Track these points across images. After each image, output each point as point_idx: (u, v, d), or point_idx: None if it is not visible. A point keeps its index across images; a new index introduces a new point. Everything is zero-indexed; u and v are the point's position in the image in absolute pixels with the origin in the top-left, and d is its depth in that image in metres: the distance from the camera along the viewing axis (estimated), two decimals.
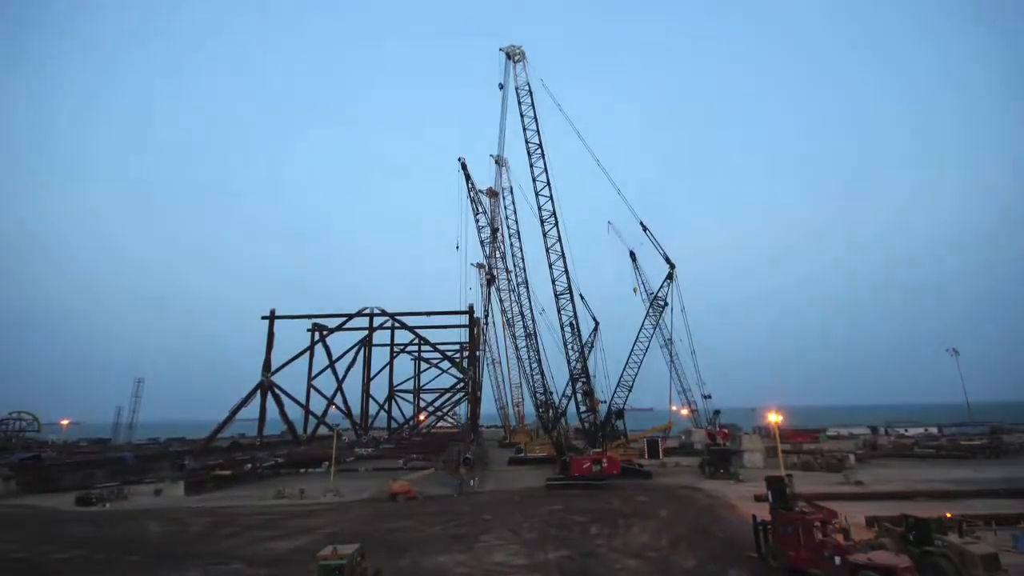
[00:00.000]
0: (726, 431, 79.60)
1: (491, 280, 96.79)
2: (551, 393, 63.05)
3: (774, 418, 46.54)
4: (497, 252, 68.41)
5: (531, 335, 61.68)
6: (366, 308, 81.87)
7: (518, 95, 56.77)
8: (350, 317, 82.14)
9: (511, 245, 63.73)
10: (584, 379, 56.35)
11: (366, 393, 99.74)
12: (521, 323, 62.30)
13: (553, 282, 54.88)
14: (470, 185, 67.83)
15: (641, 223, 63.60)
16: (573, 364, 55.87)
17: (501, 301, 68.87)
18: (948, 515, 26.87)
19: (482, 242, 71.47)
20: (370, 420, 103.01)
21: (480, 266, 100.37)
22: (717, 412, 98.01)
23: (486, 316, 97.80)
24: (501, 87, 58.93)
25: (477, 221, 68.96)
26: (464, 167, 67.79)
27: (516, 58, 57.72)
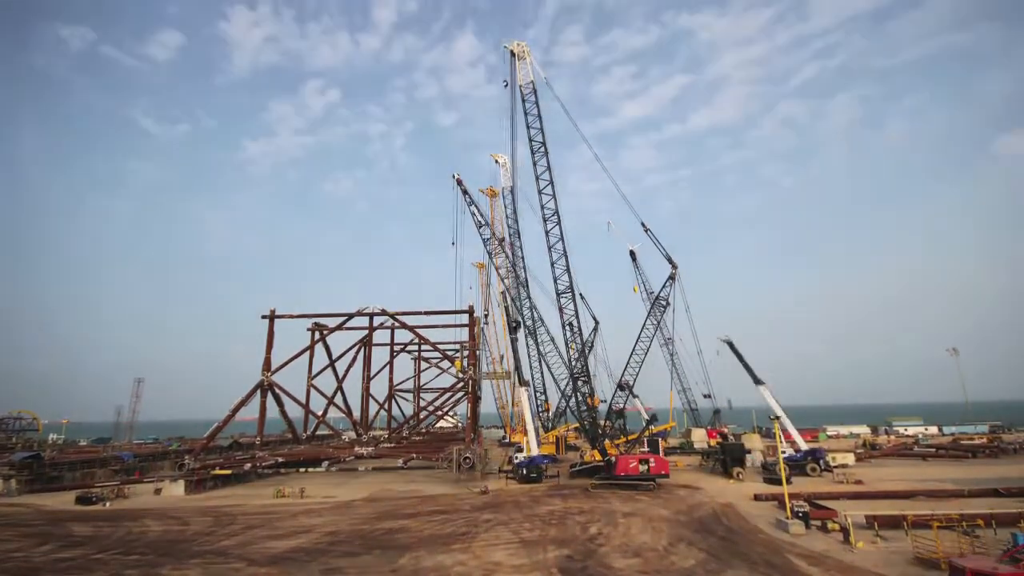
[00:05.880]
0: (719, 430, 79.78)
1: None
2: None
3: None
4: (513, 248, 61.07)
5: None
6: (366, 307, 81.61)
7: (522, 93, 56.38)
8: (350, 316, 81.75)
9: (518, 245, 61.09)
10: (584, 378, 56.25)
11: (366, 392, 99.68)
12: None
13: (555, 280, 54.77)
14: (468, 199, 63.77)
15: (642, 223, 63.25)
16: (574, 363, 55.84)
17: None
18: (948, 514, 26.88)
19: (490, 252, 67.85)
20: (370, 419, 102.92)
21: (480, 265, 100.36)
22: (717, 411, 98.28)
23: (485, 316, 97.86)
24: (506, 85, 58.50)
25: (481, 233, 63.99)
26: (460, 183, 63.84)
27: (521, 56, 57.26)
